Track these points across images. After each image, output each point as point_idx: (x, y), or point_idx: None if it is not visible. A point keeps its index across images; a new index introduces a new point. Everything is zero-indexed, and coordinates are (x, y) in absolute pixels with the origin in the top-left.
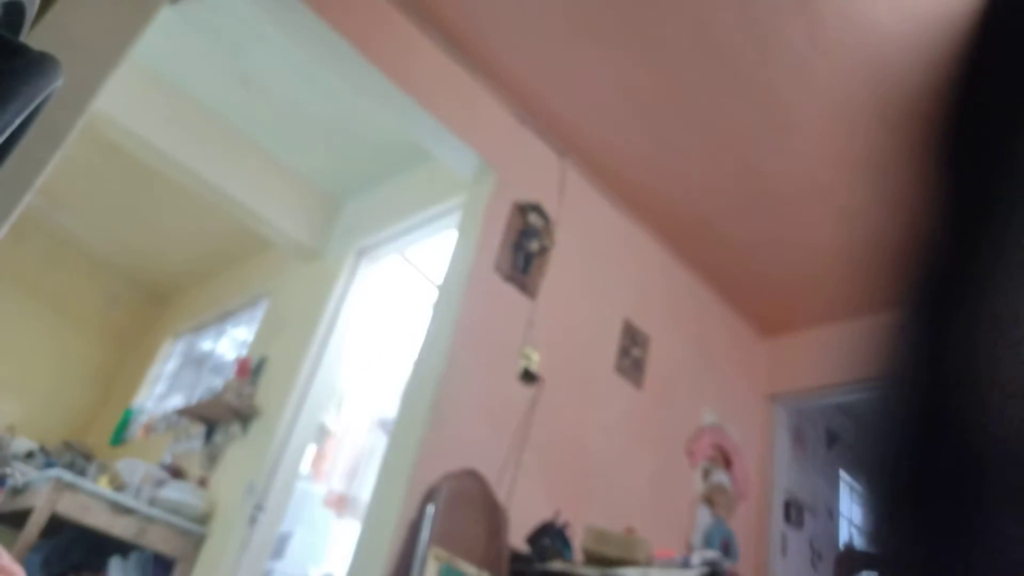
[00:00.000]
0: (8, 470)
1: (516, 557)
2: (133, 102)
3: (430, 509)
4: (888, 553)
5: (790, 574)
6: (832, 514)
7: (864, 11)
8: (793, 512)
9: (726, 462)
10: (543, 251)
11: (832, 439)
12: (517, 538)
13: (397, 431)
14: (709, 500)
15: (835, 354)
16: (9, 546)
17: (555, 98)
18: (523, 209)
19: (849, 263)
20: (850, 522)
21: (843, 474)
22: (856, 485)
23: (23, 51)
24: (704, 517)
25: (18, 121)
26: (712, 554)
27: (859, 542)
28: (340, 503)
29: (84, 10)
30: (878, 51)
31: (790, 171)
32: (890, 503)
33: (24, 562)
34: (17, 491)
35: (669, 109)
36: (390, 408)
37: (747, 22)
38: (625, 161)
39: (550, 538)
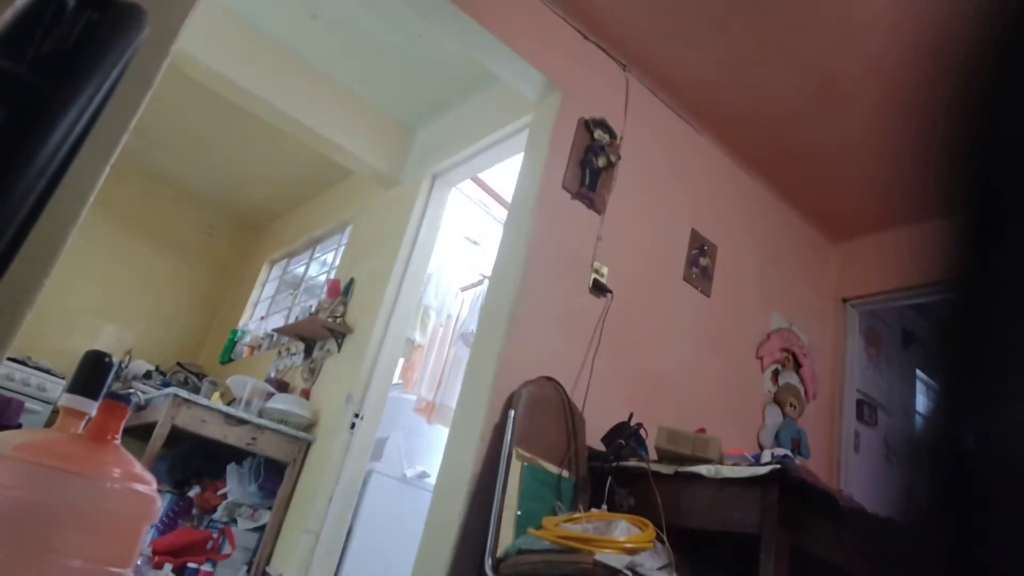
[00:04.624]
0: (131, 390)
1: (593, 456)
2: (211, 41)
3: (512, 413)
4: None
5: (863, 470)
6: (908, 412)
7: None
8: (867, 411)
9: (796, 364)
10: (610, 166)
11: (908, 339)
12: (593, 439)
13: (478, 343)
14: (779, 401)
15: (908, 256)
16: (137, 457)
17: (617, 10)
18: (589, 125)
19: (918, 163)
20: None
21: (919, 373)
22: (931, 383)
23: (113, 3)
24: (774, 417)
25: (116, 72)
26: (782, 451)
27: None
28: (429, 410)
29: None
30: None
31: (860, 70)
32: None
33: (151, 470)
34: (140, 408)
35: (733, 14)
36: (471, 321)
37: None
38: (689, 70)
39: (625, 438)
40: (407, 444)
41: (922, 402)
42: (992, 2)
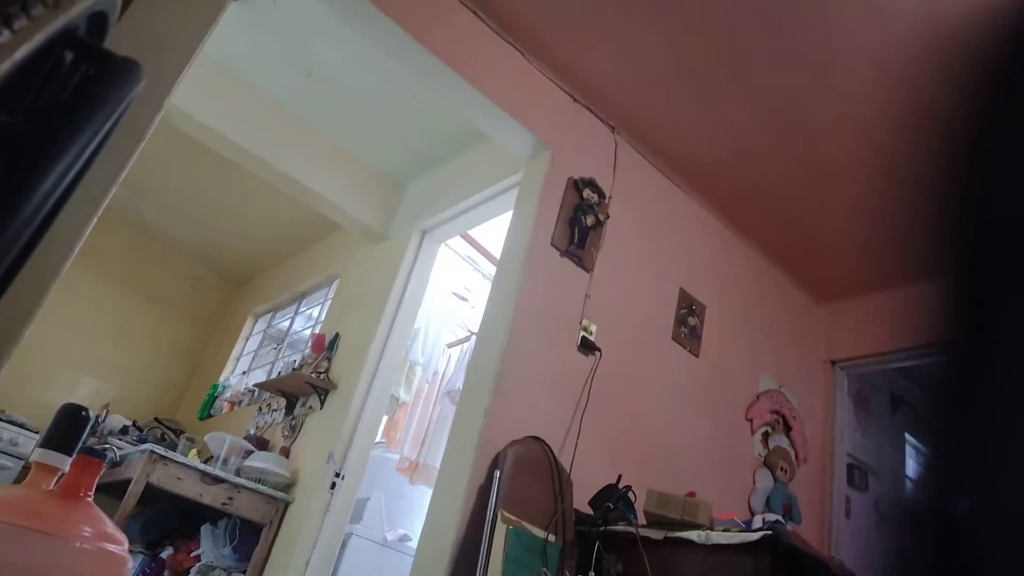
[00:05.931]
0: (107, 445)
1: (580, 519)
2: (204, 96)
3: (497, 474)
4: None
5: (854, 535)
6: (897, 477)
7: None
8: (857, 475)
9: (786, 427)
10: (598, 225)
11: (897, 403)
12: (580, 502)
13: (464, 401)
14: (769, 464)
15: (896, 319)
16: (110, 515)
17: (607, 74)
18: (578, 184)
19: (906, 228)
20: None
21: (908, 437)
22: (920, 447)
23: (109, 57)
24: (765, 481)
25: (109, 125)
26: (773, 517)
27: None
28: (412, 469)
29: (158, 11)
30: (939, 15)
31: (847, 137)
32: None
33: (124, 529)
34: (115, 464)
35: (721, 78)
36: (457, 379)
37: None
38: (677, 132)
39: (613, 501)
40: (388, 505)
41: (912, 467)
42: (980, 76)
